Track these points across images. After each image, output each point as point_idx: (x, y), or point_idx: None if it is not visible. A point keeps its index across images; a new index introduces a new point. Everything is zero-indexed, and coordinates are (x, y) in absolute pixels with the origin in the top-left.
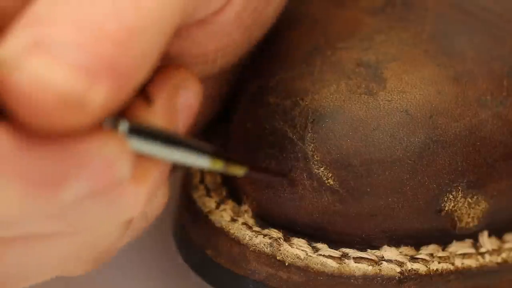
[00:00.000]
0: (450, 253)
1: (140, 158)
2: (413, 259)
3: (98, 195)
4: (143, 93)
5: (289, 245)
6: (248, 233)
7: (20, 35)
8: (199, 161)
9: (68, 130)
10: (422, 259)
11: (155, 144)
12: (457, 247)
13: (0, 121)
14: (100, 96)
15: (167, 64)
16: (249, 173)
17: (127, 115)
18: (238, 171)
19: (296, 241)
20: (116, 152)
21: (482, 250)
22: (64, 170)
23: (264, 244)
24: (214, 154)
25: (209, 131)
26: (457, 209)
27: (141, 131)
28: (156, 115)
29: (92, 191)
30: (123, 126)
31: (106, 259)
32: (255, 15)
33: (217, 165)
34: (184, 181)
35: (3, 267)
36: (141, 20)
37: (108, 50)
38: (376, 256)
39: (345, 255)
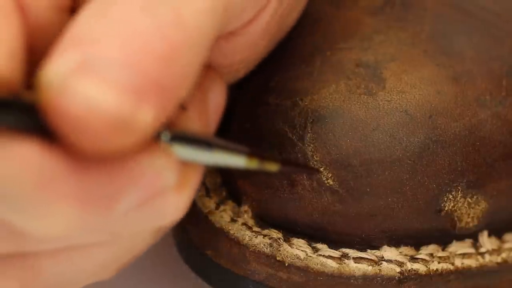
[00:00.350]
0: (450, 253)
1: (180, 165)
2: (413, 259)
3: (144, 205)
4: None
5: (289, 245)
6: (248, 233)
7: (65, 56)
8: (236, 161)
9: (118, 150)
10: (422, 259)
11: (196, 149)
12: (457, 247)
13: (51, 144)
14: (148, 116)
15: None
16: (282, 169)
17: (166, 124)
18: (273, 167)
19: (296, 241)
20: (163, 163)
21: (482, 250)
22: (117, 188)
23: (264, 245)
24: (250, 153)
25: None
26: (457, 209)
27: (181, 139)
28: (191, 120)
29: (140, 202)
30: (165, 136)
31: (129, 263)
32: (280, 23)
33: (253, 164)
34: None
35: (44, 278)
36: (183, 34)
37: (154, 67)
38: (376, 256)
39: (345, 255)
